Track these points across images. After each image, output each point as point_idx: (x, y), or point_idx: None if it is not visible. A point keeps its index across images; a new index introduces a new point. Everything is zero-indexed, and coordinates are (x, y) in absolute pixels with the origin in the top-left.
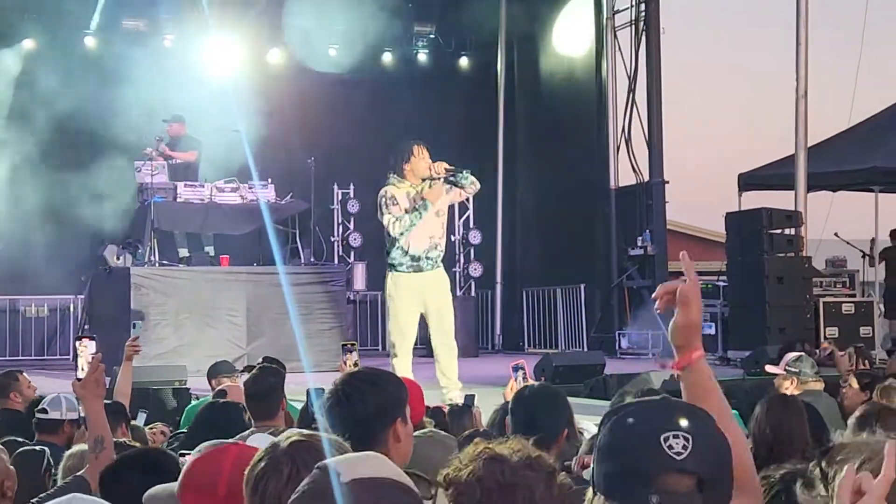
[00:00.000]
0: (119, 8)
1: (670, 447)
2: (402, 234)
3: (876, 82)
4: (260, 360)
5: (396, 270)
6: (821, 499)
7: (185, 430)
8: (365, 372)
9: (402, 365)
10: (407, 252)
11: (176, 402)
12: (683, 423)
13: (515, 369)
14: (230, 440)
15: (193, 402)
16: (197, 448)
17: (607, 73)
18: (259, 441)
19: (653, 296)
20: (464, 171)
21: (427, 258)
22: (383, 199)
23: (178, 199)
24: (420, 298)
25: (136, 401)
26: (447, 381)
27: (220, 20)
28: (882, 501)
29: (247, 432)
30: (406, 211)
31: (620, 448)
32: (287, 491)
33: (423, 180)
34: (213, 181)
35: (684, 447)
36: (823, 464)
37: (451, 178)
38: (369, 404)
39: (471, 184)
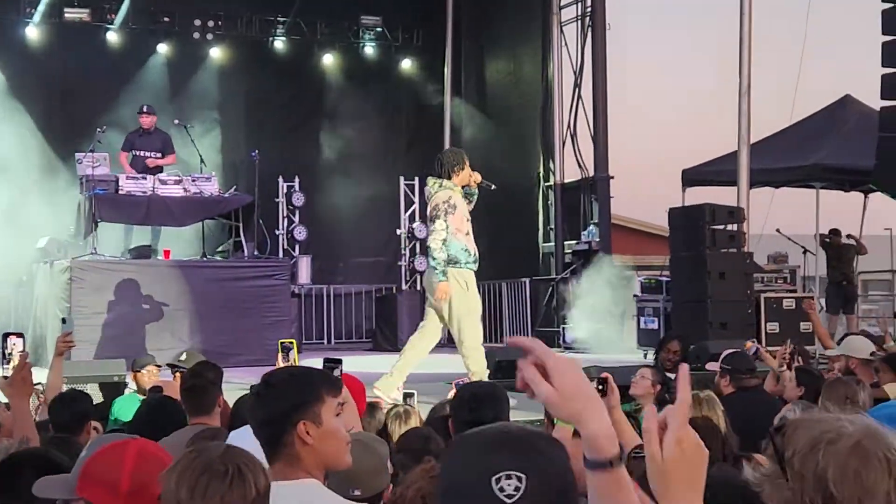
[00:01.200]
0: None
1: (501, 489)
2: (435, 251)
3: (818, 79)
4: (182, 356)
5: (464, 266)
6: (773, 475)
7: (118, 427)
8: (274, 376)
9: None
10: (471, 252)
11: (102, 397)
12: (516, 460)
13: (458, 387)
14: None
15: (121, 397)
16: (93, 440)
17: (553, 68)
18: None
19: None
20: (492, 187)
21: (477, 259)
22: (445, 206)
23: (120, 192)
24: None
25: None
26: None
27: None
28: (685, 426)
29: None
30: (466, 219)
31: (453, 492)
32: (231, 494)
33: (462, 188)
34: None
35: (517, 488)
36: (777, 441)
37: (469, 192)
38: (267, 407)
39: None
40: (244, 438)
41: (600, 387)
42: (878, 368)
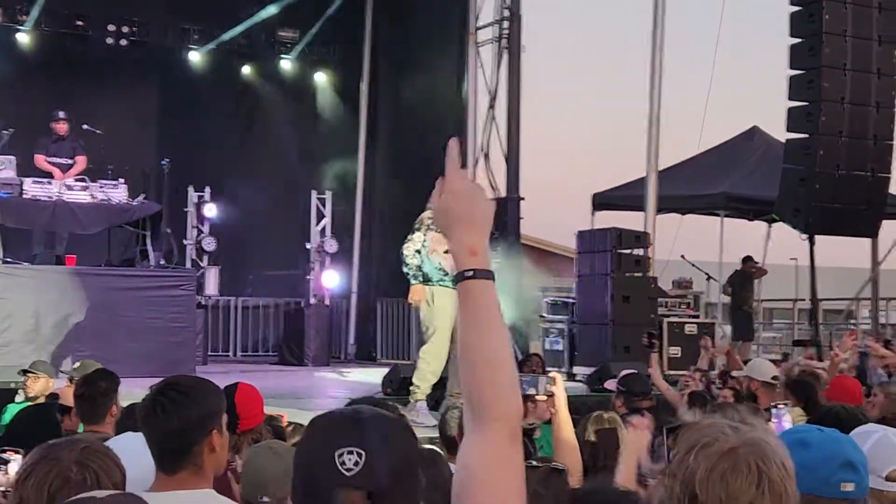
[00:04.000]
0: None
1: (342, 463)
2: (406, 257)
3: (726, 110)
4: (76, 366)
5: (439, 284)
6: (661, 474)
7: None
8: (181, 383)
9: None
10: (448, 273)
11: None
12: (360, 437)
13: None
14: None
15: (14, 403)
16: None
17: (468, 88)
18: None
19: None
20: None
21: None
22: (429, 221)
23: (25, 196)
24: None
25: None
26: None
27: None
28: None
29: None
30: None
31: (303, 461)
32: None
33: None
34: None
35: (356, 463)
36: (668, 442)
37: None
38: (185, 417)
39: None
40: (128, 446)
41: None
42: (783, 393)
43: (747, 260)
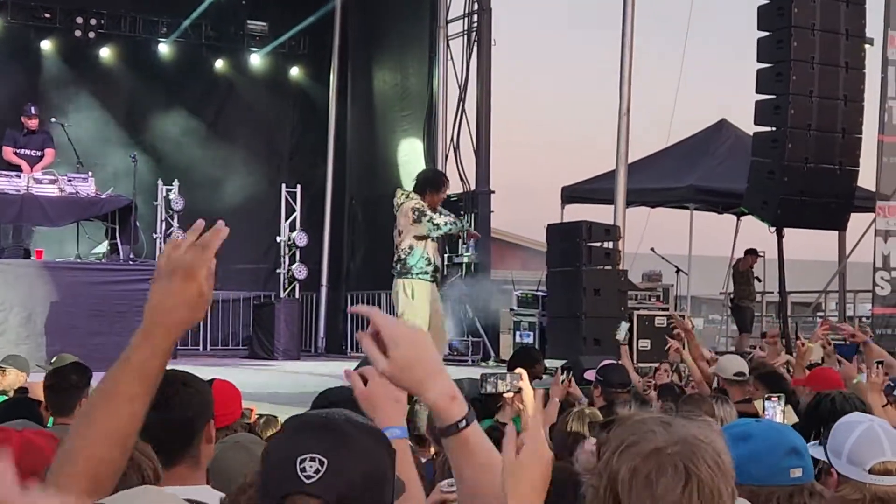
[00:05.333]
0: None
1: (303, 470)
2: (437, 229)
3: (694, 103)
4: (53, 360)
5: (419, 277)
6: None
7: None
8: (176, 375)
9: None
10: (431, 262)
11: None
12: (326, 444)
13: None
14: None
15: None
16: None
17: (439, 81)
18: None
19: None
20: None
21: (438, 270)
22: (421, 206)
23: None
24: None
25: None
26: None
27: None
28: (539, 438)
29: None
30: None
31: (266, 465)
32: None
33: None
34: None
35: (316, 471)
36: (601, 437)
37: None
38: (189, 407)
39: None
40: None
41: None
42: (754, 385)
43: (748, 253)
